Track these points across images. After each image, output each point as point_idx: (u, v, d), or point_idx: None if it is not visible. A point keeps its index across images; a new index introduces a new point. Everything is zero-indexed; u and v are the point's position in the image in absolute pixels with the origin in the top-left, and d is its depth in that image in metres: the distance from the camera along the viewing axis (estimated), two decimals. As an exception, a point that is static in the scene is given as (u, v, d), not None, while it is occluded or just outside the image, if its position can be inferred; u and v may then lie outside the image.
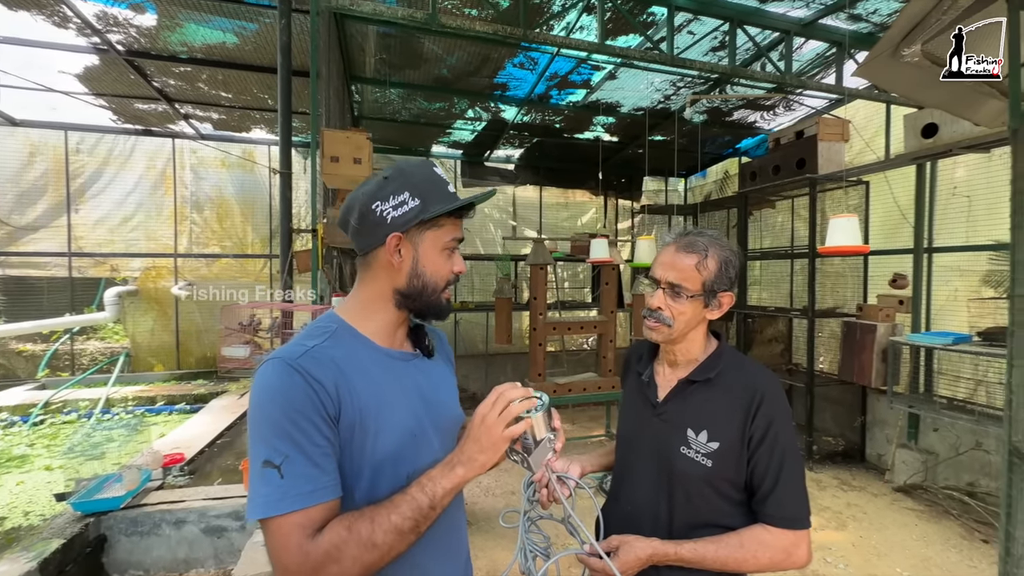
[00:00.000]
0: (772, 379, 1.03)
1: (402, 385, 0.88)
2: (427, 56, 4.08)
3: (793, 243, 5.45)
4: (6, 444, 3.85)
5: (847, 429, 4.65)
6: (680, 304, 1.02)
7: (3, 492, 3.14)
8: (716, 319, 1.07)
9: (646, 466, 1.07)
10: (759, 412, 0.98)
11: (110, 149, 5.59)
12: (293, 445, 0.74)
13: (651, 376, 1.14)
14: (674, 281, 1.02)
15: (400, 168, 0.90)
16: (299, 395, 0.76)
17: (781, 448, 0.97)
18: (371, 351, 0.88)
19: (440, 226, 0.88)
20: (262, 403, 0.76)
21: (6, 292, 5.98)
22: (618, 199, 7.56)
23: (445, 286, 0.91)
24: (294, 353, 0.79)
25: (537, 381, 4.67)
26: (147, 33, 3.71)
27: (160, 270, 5.75)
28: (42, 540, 2.26)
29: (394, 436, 0.83)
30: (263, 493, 0.73)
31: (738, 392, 1.01)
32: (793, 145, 4.63)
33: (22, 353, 5.82)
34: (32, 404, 4.47)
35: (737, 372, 1.05)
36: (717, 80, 4.57)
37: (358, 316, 0.91)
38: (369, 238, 0.88)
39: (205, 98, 4.80)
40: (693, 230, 1.07)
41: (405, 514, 0.75)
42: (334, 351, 0.83)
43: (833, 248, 2.59)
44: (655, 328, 1.06)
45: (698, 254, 1.02)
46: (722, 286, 1.03)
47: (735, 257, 1.04)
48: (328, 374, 0.79)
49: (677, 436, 1.03)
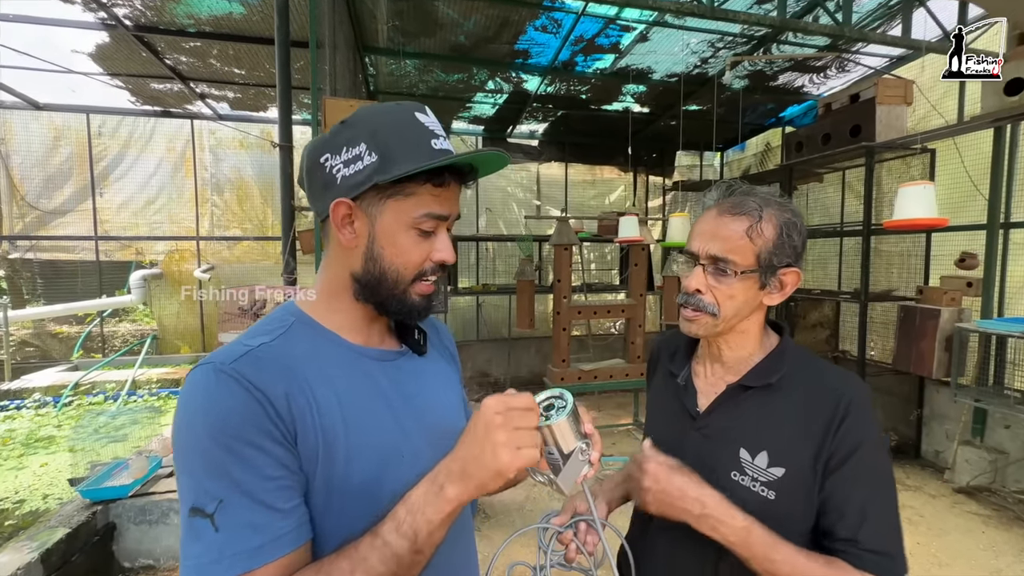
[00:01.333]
0: (861, 387, 0.77)
1: (381, 392, 0.68)
2: (442, 21, 3.80)
3: (843, 219, 4.99)
4: (35, 425, 3.93)
5: (901, 423, 4.27)
6: (727, 284, 0.77)
7: (26, 474, 3.17)
8: (776, 304, 0.80)
9: None
10: (843, 427, 0.73)
11: (131, 131, 5.58)
12: (231, 484, 0.54)
13: (689, 378, 0.88)
14: (718, 254, 0.77)
15: (364, 111, 0.66)
16: (237, 412, 0.55)
17: (872, 474, 0.72)
18: (339, 350, 0.67)
19: (409, 194, 0.64)
20: (184, 428, 0.56)
21: (42, 276, 6.14)
22: (648, 175, 7.16)
23: (416, 277, 0.68)
24: (230, 356, 0.58)
25: (561, 367, 4.46)
26: (152, 6, 3.57)
27: (183, 253, 5.77)
28: (48, 529, 2.21)
29: (372, 459, 0.64)
30: (194, 553, 0.53)
31: (813, 402, 0.76)
32: (847, 110, 4.16)
33: (58, 335, 5.99)
34: (63, 385, 4.57)
35: (809, 376, 0.79)
36: (762, 39, 4.13)
37: (321, 306, 0.70)
38: (319, 202, 0.66)
39: (218, 75, 4.67)
40: (741, 186, 0.80)
41: (375, 569, 0.55)
42: (287, 352, 0.62)
43: (903, 221, 2.23)
44: (694, 319, 0.80)
45: (749, 216, 0.76)
46: (783, 259, 0.77)
47: (800, 222, 0.78)
48: (277, 382, 0.58)
49: (726, 458, 0.78)
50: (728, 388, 0.82)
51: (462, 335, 6.48)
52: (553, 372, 4.47)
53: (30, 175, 5.42)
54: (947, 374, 3.60)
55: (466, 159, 0.65)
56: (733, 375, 0.83)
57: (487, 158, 0.66)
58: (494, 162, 0.68)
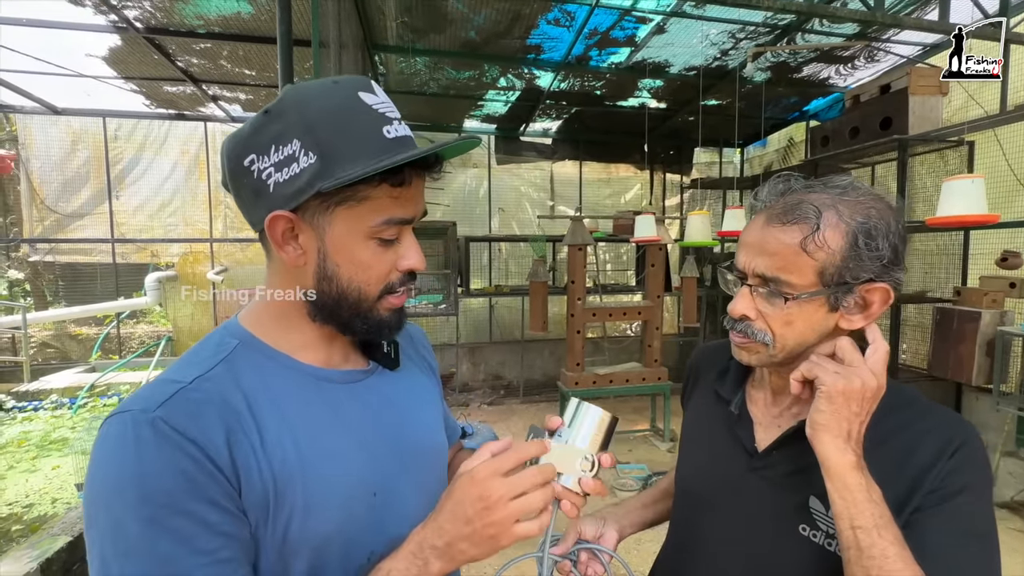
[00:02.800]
0: (972, 432, 0.62)
1: (346, 421, 0.58)
2: (452, 16, 3.71)
3: (872, 217, 4.76)
4: (50, 427, 3.95)
5: (936, 432, 4.03)
6: (781, 309, 0.61)
7: (38, 477, 3.17)
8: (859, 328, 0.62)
9: (731, 545, 0.69)
10: (951, 464, 0.58)
11: (146, 135, 5.62)
12: (153, 565, 0.43)
13: (743, 406, 0.73)
14: (766, 273, 0.61)
15: (293, 94, 0.52)
16: (163, 476, 0.45)
17: (974, 524, 0.57)
18: (293, 375, 0.56)
19: (363, 199, 0.52)
20: (96, 495, 0.46)
21: (62, 278, 6.25)
22: (666, 173, 6.98)
23: (382, 292, 0.57)
24: (153, 400, 0.48)
25: (575, 371, 4.33)
26: (162, 7, 3.55)
27: (197, 255, 5.80)
28: (50, 536, 2.17)
29: (337, 504, 0.54)
30: None
31: (904, 447, 0.61)
32: (876, 102, 3.95)
33: (77, 336, 6.08)
34: (80, 387, 4.61)
35: (903, 413, 0.64)
36: (786, 28, 3.94)
37: (270, 324, 0.58)
38: (252, 213, 0.54)
39: (229, 77, 4.66)
40: (799, 183, 0.64)
41: None
42: (229, 384, 0.51)
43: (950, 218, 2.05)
44: (744, 346, 0.66)
45: (804, 224, 0.59)
46: (863, 273, 0.59)
47: (891, 221, 0.60)
48: (215, 426, 0.48)
49: (793, 508, 0.64)
50: (800, 424, 0.64)
51: (475, 337, 6.39)
52: (567, 376, 4.35)
53: (49, 179, 5.50)
54: (988, 381, 3.39)
55: (433, 151, 0.53)
56: (803, 408, 0.67)
57: (455, 147, 0.55)
58: (463, 146, 0.57)
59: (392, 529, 0.58)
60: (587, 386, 4.32)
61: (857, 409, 0.56)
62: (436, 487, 0.66)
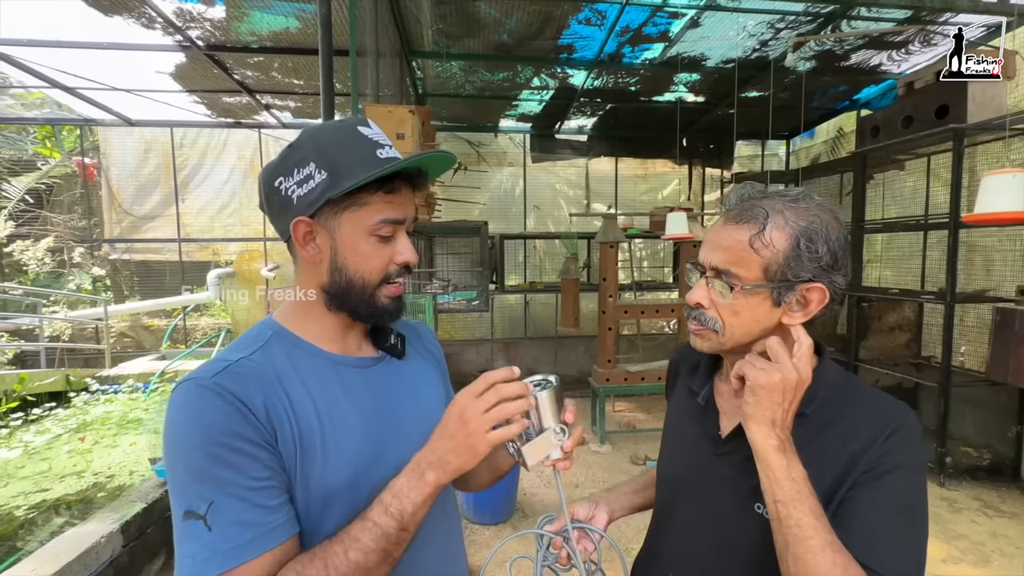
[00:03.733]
0: (909, 417, 0.67)
1: (358, 399, 0.72)
2: (485, 21, 3.82)
3: (928, 211, 4.49)
4: (127, 408, 4.41)
5: (995, 439, 3.79)
6: (730, 300, 0.69)
7: (118, 451, 3.56)
8: (803, 322, 0.69)
9: (701, 523, 0.77)
10: (887, 444, 0.64)
11: (207, 142, 6.09)
12: (219, 487, 0.58)
13: (710, 397, 0.81)
14: (719, 265, 0.70)
15: (308, 132, 0.69)
16: (219, 421, 0.59)
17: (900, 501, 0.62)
18: (316, 360, 0.71)
19: (363, 204, 0.67)
20: (173, 440, 0.60)
21: (137, 274, 6.88)
22: (705, 168, 6.81)
23: (381, 282, 0.71)
24: (209, 372, 0.63)
25: (606, 368, 4.37)
26: (220, 26, 3.86)
27: (253, 253, 6.23)
28: (128, 503, 2.46)
29: (348, 463, 0.67)
30: (188, 552, 0.57)
31: (850, 434, 0.67)
32: (932, 89, 3.72)
33: (150, 327, 6.68)
34: (152, 373, 5.09)
35: (850, 406, 0.70)
36: (829, 15, 3.78)
37: (297, 318, 0.73)
38: (280, 224, 0.70)
39: (280, 86, 4.98)
40: (758, 192, 0.72)
41: (368, 547, 0.60)
42: (266, 364, 0.66)
43: (986, 215, 1.95)
44: (699, 333, 0.74)
45: (753, 223, 0.67)
46: (802, 273, 0.66)
47: (831, 229, 0.67)
48: (255, 392, 0.62)
49: (750, 488, 0.70)
50: None
51: (509, 332, 6.51)
52: (599, 372, 4.39)
53: (125, 184, 6.08)
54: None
55: (412, 163, 0.67)
56: None
57: (433, 159, 0.69)
58: (441, 162, 0.71)
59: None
60: (618, 382, 4.34)
61: (780, 399, 0.63)
62: None
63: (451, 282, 5.02)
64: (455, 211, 6.07)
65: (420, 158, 0.68)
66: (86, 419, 4.20)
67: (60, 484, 3.06)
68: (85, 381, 5.01)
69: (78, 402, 4.58)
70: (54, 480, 3.12)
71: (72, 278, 6.53)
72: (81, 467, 3.29)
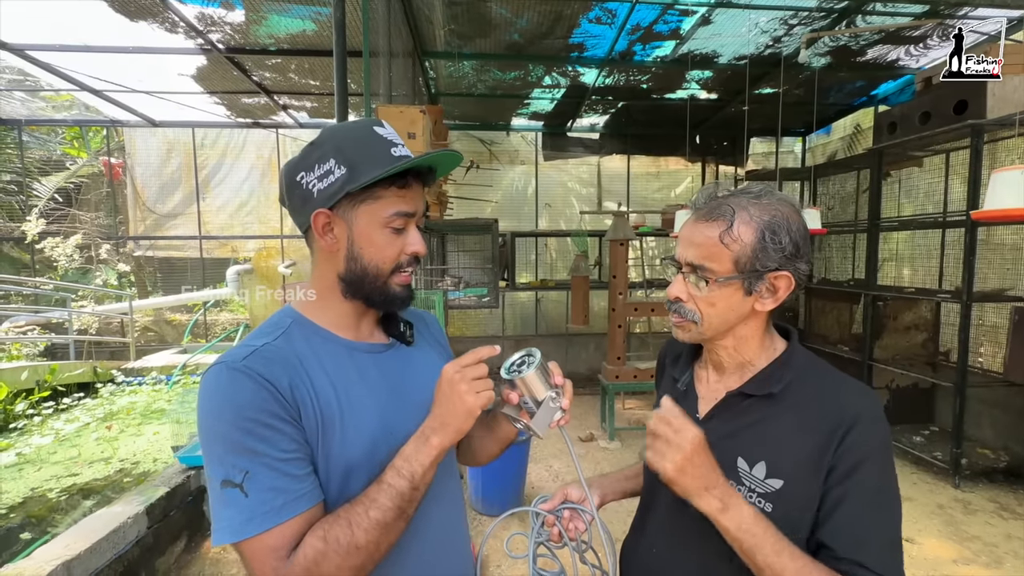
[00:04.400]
0: (871, 400, 0.73)
1: (371, 381, 0.78)
2: (496, 21, 3.86)
3: (946, 208, 4.41)
4: (151, 399, 4.58)
5: (1014, 441, 3.72)
6: (706, 293, 0.75)
7: (143, 440, 3.71)
8: (772, 309, 0.76)
9: (681, 501, 0.79)
10: (846, 440, 0.69)
11: (227, 142, 6.26)
12: (253, 457, 0.64)
13: (690, 383, 0.87)
14: (693, 261, 0.75)
15: (328, 131, 0.75)
16: (250, 400, 0.66)
17: (874, 493, 0.68)
18: (332, 346, 0.77)
19: (378, 198, 0.73)
20: (208, 418, 0.67)
21: (160, 270, 7.10)
22: (718, 165, 6.76)
23: (393, 270, 0.77)
24: (239, 355, 0.69)
25: (616, 365, 4.39)
26: (239, 29, 3.97)
27: (270, 250, 6.39)
28: (153, 487, 2.58)
29: (363, 440, 0.74)
30: (226, 516, 0.63)
31: (816, 413, 0.73)
32: (950, 84, 3.65)
33: (172, 322, 6.90)
34: (174, 366, 5.26)
35: (815, 387, 0.76)
36: (843, 11, 3.74)
37: (314, 307, 0.79)
38: (300, 216, 0.76)
39: (297, 87, 5.10)
40: (724, 190, 0.77)
41: (385, 505, 0.67)
42: (287, 349, 0.73)
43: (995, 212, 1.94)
44: (680, 325, 0.79)
45: (721, 221, 0.73)
46: (769, 263, 0.72)
47: (792, 220, 0.73)
48: (281, 373, 0.69)
49: (723, 467, 0.74)
50: (728, 395, 0.79)
51: (521, 329, 6.56)
52: (608, 370, 4.41)
53: (149, 183, 6.29)
54: (1073, 388, 3.09)
55: (424, 161, 0.73)
56: (735, 382, 0.80)
57: (442, 158, 0.75)
58: (449, 160, 0.77)
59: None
60: (628, 379, 4.36)
61: (698, 463, 0.68)
62: None
63: (462, 279, 5.09)
64: (467, 209, 6.14)
65: (430, 156, 0.73)
66: (112, 409, 4.38)
67: (89, 469, 3.20)
68: (111, 373, 5.21)
69: (105, 392, 4.77)
70: (83, 465, 3.27)
71: (99, 274, 6.77)
72: (108, 454, 3.44)
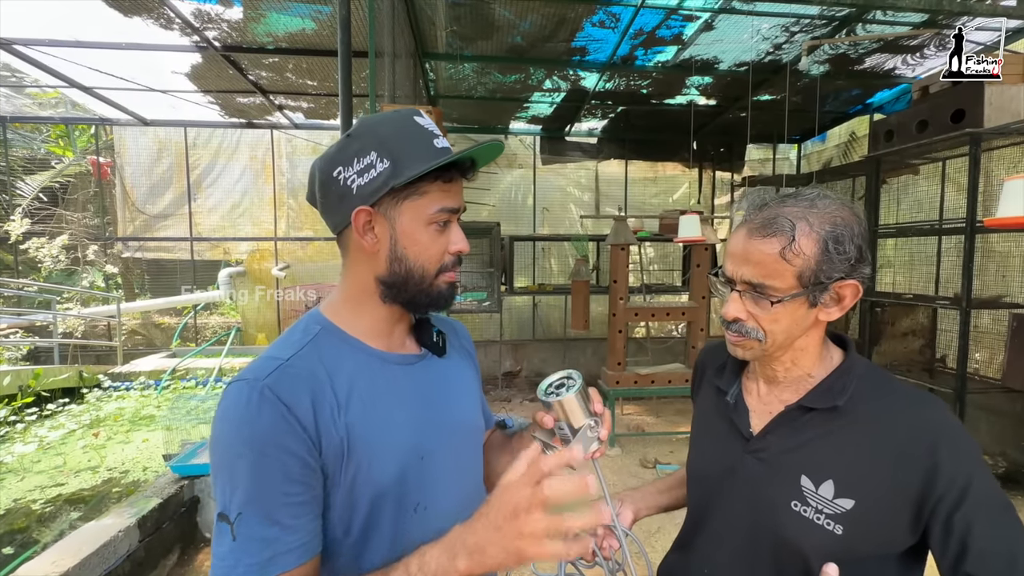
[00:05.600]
0: (944, 409, 0.69)
1: (402, 396, 0.71)
2: (499, 24, 3.83)
3: (942, 216, 4.46)
4: (139, 405, 4.45)
5: (1012, 447, 3.75)
6: (769, 311, 0.70)
7: (131, 447, 3.59)
8: (839, 316, 0.72)
9: (737, 520, 0.77)
10: (943, 466, 0.64)
11: (220, 142, 6.15)
12: (250, 497, 0.58)
13: (739, 396, 0.81)
14: (752, 279, 0.70)
15: (366, 122, 0.69)
16: (265, 430, 0.59)
17: (995, 510, 0.63)
18: (362, 356, 0.70)
19: (423, 193, 0.67)
20: (222, 442, 0.61)
21: (148, 272, 6.94)
22: (715, 171, 6.80)
23: (439, 271, 0.71)
24: (262, 372, 0.63)
25: (616, 370, 4.36)
26: (237, 27, 3.90)
27: (263, 252, 6.28)
28: (144, 498, 2.49)
29: (393, 462, 0.67)
30: (219, 554, 0.58)
31: (888, 428, 0.68)
32: (947, 93, 3.69)
33: (160, 325, 6.73)
34: (163, 371, 5.13)
35: (880, 397, 0.71)
36: (844, 19, 3.77)
37: (345, 313, 0.72)
38: (336, 215, 0.69)
39: (294, 87, 5.02)
40: (773, 198, 0.72)
41: None
42: (314, 361, 0.66)
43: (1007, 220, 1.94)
44: (740, 343, 0.74)
45: (781, 236, 0.68)
46: (835, 273, 0.68)
47: (852, 226, 0.69)
48: (303, 394, 0.62)
49: (785, 486, 0.71)
50: (787, 409, 0.74)
51: (518, 334, 6.51)
52: (608, 375, 4.38)
53: (139, 183, 6.15)
54: (1072, 394, 3.11)
55: (469, 153, 0.68)
56: (791, 394, 0.76)
57: (485, 150, 0.69)
58: (491, 152, 0.71)
59: (432, 487, 0.71)
60: (628, 385, 4.33)
61: None
62: (471, 458, 0.80)
63: (462, 283, 5.03)
64: (465, 212, 6.09)
65: (477, 148, 0.68)
66: (99, 415, 4.24)
67: (75, 479, 3.09)
68: (98, 377, 5.06)
69: (91, 398, 4.63)
70: (69, 475, 3.15)
71: (85, 275, 6.60)
72: (95, 462, 3.32)
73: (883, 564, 0.68)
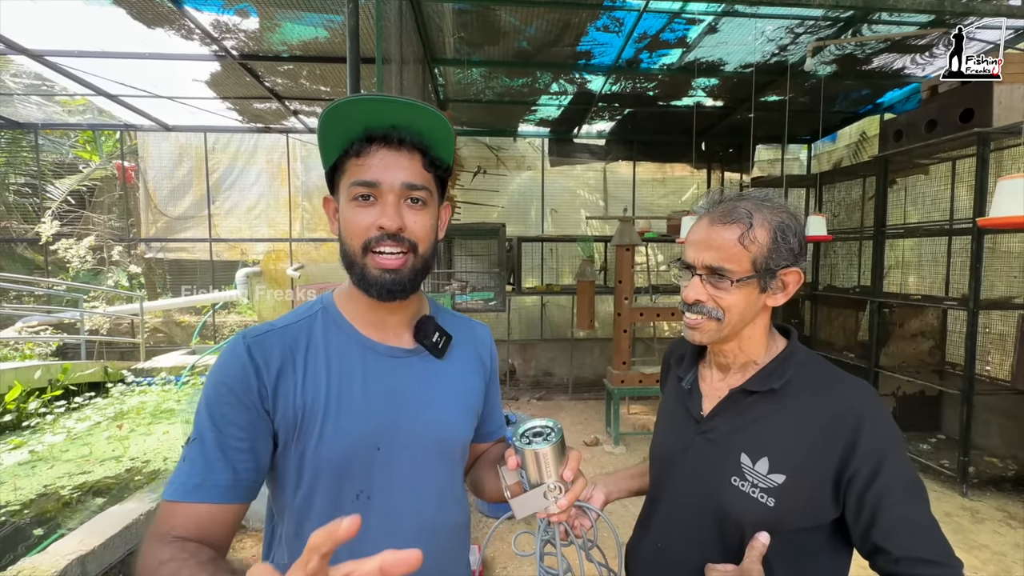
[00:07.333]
0: (871, 394, 0.76)
1: (373, 386, 0.73)
2: (505, 29, 3.92)
3: (952, 216, 4.42)
4: (160, 399, 4.62)
5: (1021, 450, 3.70)
6: (727, 293, 0.77)
7: (152, 439, 3.75)
8: (782, 303, 0.80)
9: (686, 497, 0.84)
10: (861, 443, 0.71)
11: (238, 147, 6.36)
12: (208, 427, 0.66)
13: (694, 382, 0.89)
14: (713, 264, 0.77)
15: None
16: (234, 374, 0.68)
17: (903, 488, 0.70)
18: (346, 340, 0.75)
19: (343, 171, 0.72)
20: (208, 375, 0.70)
21: (170, 272, 7.19)
22: (723, 172, 6.79)
23: (363, 248, 0.70)
24: (255, 331, 0.72)
25: (621, 370, 4.40)
26: (253, 36, 4.05)
27: (279, 253, 6.46)
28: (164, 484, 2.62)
29: (341, 444, 0.70)
30: (175, 469, 0.67)
31: (818, 410, 0.75)
32: (956, 93, 3.68)
33: (181, 324, 6.97)
34: (183, 367, 5.31)
35: (816, 382, 0.78)
36: (849, 20, 3.78)
37: (345, 299, 0.78)
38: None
39: (308, 93, 5.17)
40: (730, 195, 0.81)
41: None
42: (301, 334, 0.73)
43: (1000, 220, 1.96)
44: (698, 326, 0.81)
45: (740, 224, 0.77)
46: (782, 261, 0.77)
47: (795, 221, 0.78)
48: (276, 358, 0.70)
49: (727, 463, 0.79)
50: (731, 392, 0.82)
51: (527, 334, 6.59)
52: (613, 374, 4.43)
53: (161, 187, 6.39)
54: (1082, 396, 3.07)
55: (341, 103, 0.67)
56: (738, 380, 0.83)
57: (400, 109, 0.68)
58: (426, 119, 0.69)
59: (383, 481, 0.73)
60: (633, 384, 4.37)
61: None
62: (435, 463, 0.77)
63: (469, 283, 5.12)
64: (474, 213, 6.19)
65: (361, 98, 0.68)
66: (123, 408, 4.43)
67: (100, 467, 3.25)
68: (122, 373, 5.27)
69: (115, 392, 4.83)
70: (94, 464, 3.31)
71: (110, 275, 6.87)
72: (119, 452, 3.49)
73: (812, 535, 0.75)
